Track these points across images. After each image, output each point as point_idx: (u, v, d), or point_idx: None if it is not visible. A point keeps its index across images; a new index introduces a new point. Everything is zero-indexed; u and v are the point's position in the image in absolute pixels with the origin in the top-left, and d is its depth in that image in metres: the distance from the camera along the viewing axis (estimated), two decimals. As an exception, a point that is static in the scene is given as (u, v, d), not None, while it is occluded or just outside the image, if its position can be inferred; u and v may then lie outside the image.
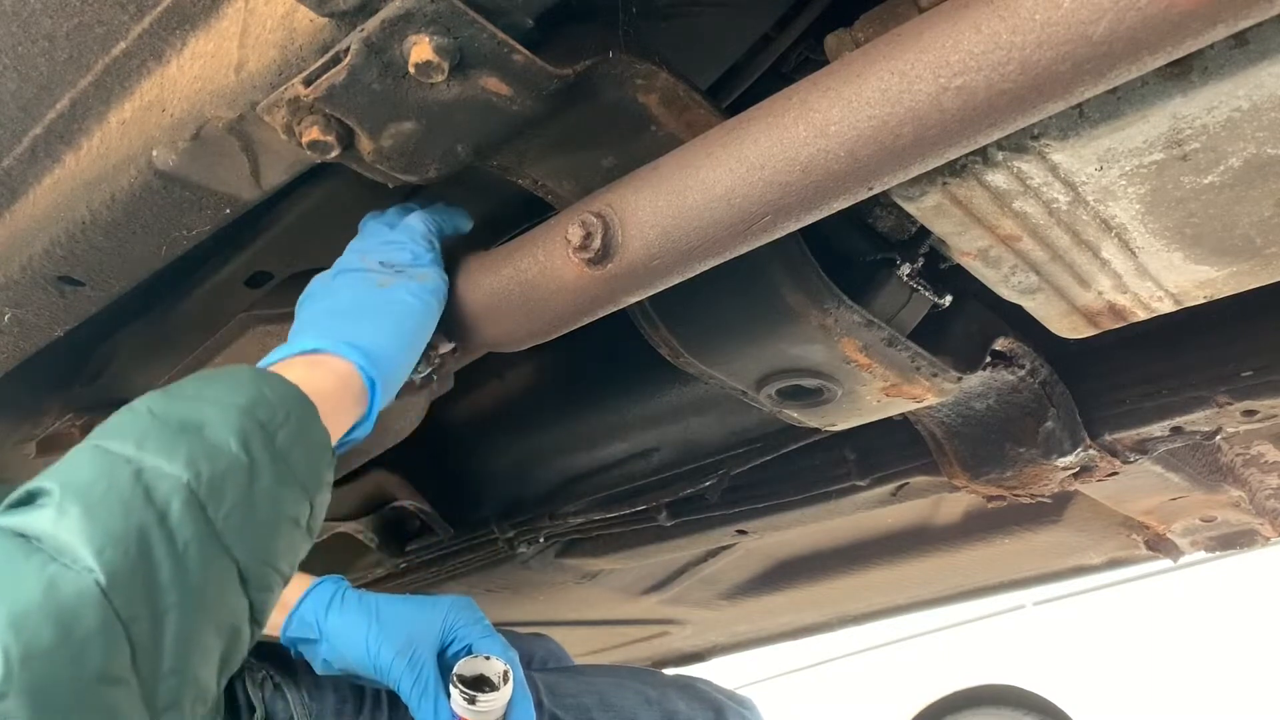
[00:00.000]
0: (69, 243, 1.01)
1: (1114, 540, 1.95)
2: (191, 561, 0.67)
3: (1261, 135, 0.80)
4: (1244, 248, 0.94)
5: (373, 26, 0.75)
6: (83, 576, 0.62)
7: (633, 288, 0.90)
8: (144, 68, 0.91)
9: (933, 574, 2.23)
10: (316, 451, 0.79)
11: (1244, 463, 1.64)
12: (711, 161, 0.81)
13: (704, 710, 1.55)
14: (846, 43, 0.84)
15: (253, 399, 0.76)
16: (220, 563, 0.69)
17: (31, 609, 0.59)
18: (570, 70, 0.83)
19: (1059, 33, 0.63)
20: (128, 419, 0.74)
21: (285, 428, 0.76)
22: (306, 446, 0.78)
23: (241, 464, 0.72)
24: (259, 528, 0.72)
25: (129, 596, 0.63)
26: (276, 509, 0.74)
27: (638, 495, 1.72)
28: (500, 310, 0.97)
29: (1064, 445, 1.40)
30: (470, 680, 1.19)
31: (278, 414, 0.77)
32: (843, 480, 1.63)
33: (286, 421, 0.77)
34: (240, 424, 0.73)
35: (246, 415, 0.74)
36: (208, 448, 0.71)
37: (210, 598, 0.68)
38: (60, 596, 0.60)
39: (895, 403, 1.25)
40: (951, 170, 0.88)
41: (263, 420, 0.75)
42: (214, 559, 0.68)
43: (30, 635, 0.58)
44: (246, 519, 0.71)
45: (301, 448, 0.77)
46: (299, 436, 0.77)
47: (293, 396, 0.79)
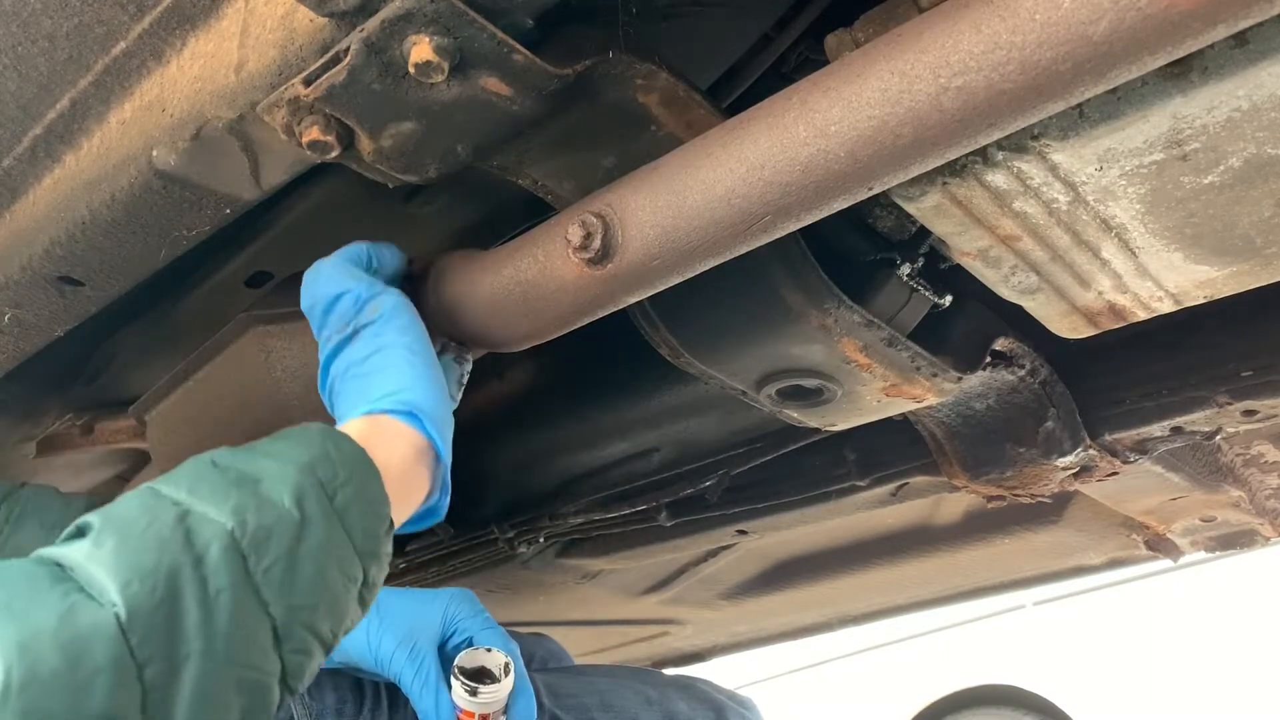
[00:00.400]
0: (69, 243, 1.01)
1: (1114, 540, 1.95)
2: (222, 610, 0.64)
3: (1261, 135, 0.80)
4: (1244, 248, 0.94)
5: (373, 26, 0.75)
6: (103, 609, 0.60)
7: (633, 288, 0.90)
8: (144, 68, 0.91)
9: (933, 574, 2.23)
10: (375, 516, 0.77)
11: (1244, 463, 1.64)
12: (711, 161, 0.81)
13: (704, 710, 1.55)
14: (846, 43, 0.84)
15: (315, 457, 0.75)
16: (254, 617, 0.66)
17: (43, 634, 0.58)
18: (570, 70, 0.83)
19: (1059, 33, 0.63)
20: (189, 466, 0.73)
21: (345, 488, 0.74)
22: (365, 509, 0.76)
23: (292, 519, 0.70)
24: (302, 586, 0.69)
25: (148, 636, 0.61)
26: (324, 569, 0.71)
27: (638, 495, 1.72)
28: (500, 310, 0.97)
29: (1064, 445, 1.40)
30: (471, 672, 1.19)
31: (339, 473, 0.75)
32: (843, 480, 1.63)
33: (348, 482, 0.75)
34: (298, 480, 0.72)
35: (306, 472, 0.73)
36: (259, 500, 0.70)
37: (237, 652, 0.65)
38: (75, 626, 0.59)
39: (895, 403, 1.25)
40: (951, 170, 0.88)
41: (323, 479, 0.73)
42: (247, 612, 0.66)
43: (35, 660, 0.56)
44: (289, 576, 0.68)
45: (359, 509, 0.75)
46: (358, 498, 0.75)
47: (356, 457, 0.77)
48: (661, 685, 1.56)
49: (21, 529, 1.08)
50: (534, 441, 1.71)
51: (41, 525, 1.08)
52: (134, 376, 1.37)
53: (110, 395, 1.40)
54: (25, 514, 1.10)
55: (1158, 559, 1.96)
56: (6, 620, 0.57)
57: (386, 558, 0.78)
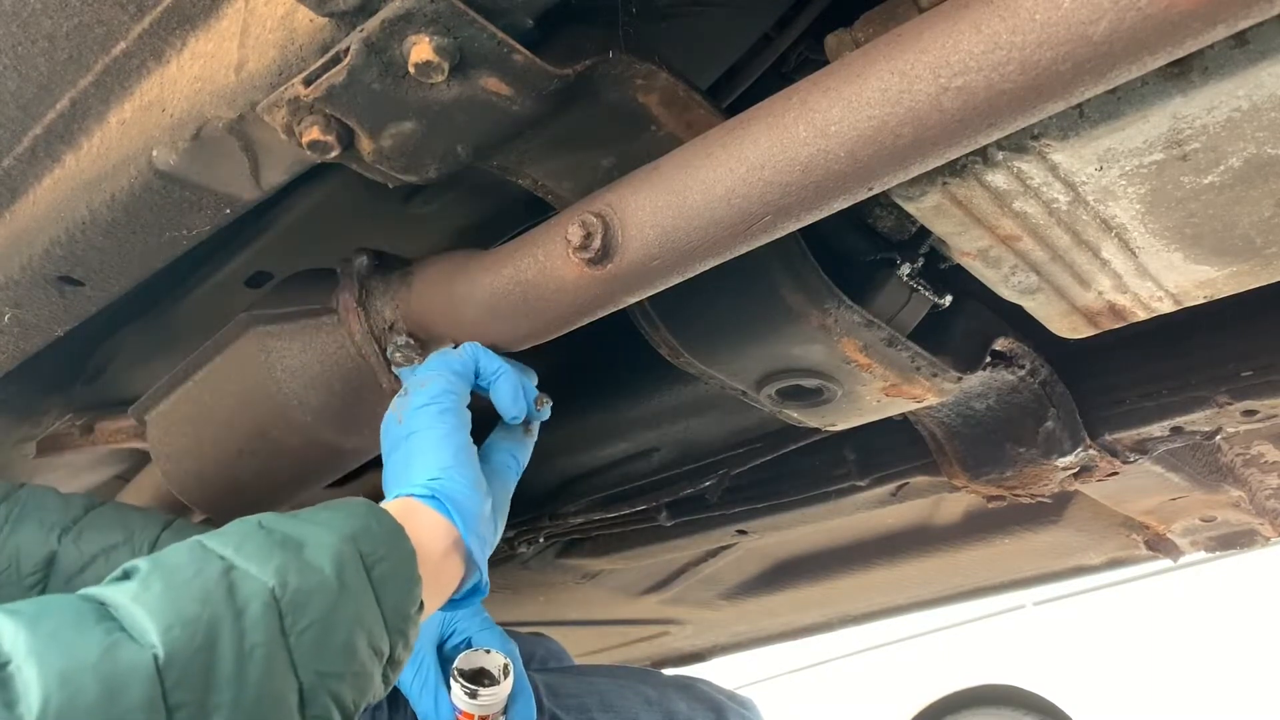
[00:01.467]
0: (69, 242, 1.01)
1: (1114, 540, 1.95)
2: (255, 666, 0.66)
3: (1261, 135, 0.80)
4: (1244, 248, 0.94)
5: (373, 26, 0.75)
6: (142, 650, 0.62)
7: (633, 288, 0.90)
8: (144, 68, 0.91)
9: (933, 574, 2.23)
10: (409, 595, 0.79)
11: (1244, 463, 1.64)
12: (711, 161, 0.81)
13: (704, 711, 1.55)
14: (846, 43, 0.84)
15: (358, 529, 0.77)
16: (283, 677, 0.68)
17: (84, 667, 0.59)
18: (570, 70, 0.83)
19: (1059, 33, 0.63)
20: (236, 526, 0.75)
21: (384, 563, 0.77)
22: (400, 586, 0.78)
23: (330, 586, 0.72)
24: (332, 653, 0.71)
25: (182, 682, 0.62)
26: (354, 640, 0.73)
27: (638, 495, 1.72)
28: (500, 310, 0.97)
29: (1064, 445, 1.40)
30: (470, 674, 1.19)
31: (380, 548, 0.77)
32: (843, 480, 1.63)
33: (386, 558, 0.78)
34: (339, 548, 0.75)
35: (348, 542, 0.76)
36: (301, 564, 0.72)
37: (264, 709, 0.66)
38: (115, 663, 0.60)
39: (895, 403, 1.25)
40: (951, 170, 0.88)
41: (363, 550, 0.76)
42: (278, 671, 0.67)
43: (74, 691, 0.58)
44: (321, 641, 0.70)
45: (395, 586, 0.77)
46: (395, 574, 0.78)
47: (396, 534, 0.80)
48: (661, 685, 1.56)
49: (20, 529, 1.08)
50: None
51: (41, 525, 1.08)
52: (134, 376, 1.37)
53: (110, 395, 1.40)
54: (25, 514, 1.10)
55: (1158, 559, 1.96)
56: (51, 649, 0.60)
57: (414, 639, 0.80)
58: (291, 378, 1.08)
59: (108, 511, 1.13)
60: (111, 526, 1.11)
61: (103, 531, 1.10)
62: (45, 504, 1.11)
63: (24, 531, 1.08)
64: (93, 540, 1.09)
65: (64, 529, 1.09)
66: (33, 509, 1.10)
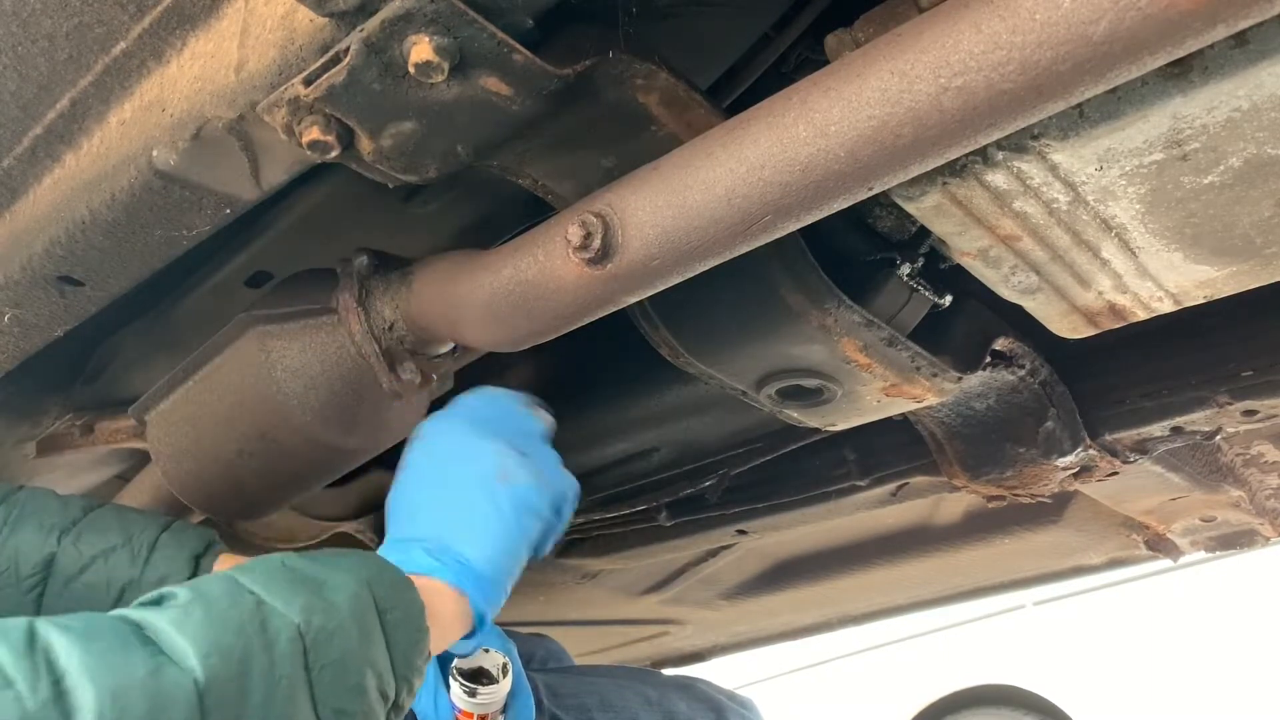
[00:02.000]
0: (69, 242, 1.01)
1: (1114, 540, 1.95)
2: (281, 696, 0.71)
3: (1261, 135, 0.80)
4: (1244, 248, 0.94)
5: (373, 26, 0.75)
6: (184, 674, 0.67)
7: (633, 288, 0.90)
8: (144, 68, 0.91)
9: (933, 574, 2.23)
10: (417, 645, 0.85)
11: (1244, 463, 1.64)
12: (711, 161, 0.81)
13: (704, 711, 1.55)
14: (846, 43, 0.84)
15: (373, 577, 0.83)
16: (304, 711, 0.73)
17: (133, 686, 0.65)
18: (570, 70, 0.83)
19: (1059, 33, 0.63)
20: (261, 564, 0.80)
21: (395, 611, 0.82)
22: (409, 635, 0.84)
23: (349, 629, 0.77)
24: (347, 692, 0.76)
25: (219, 705, 0.67)
26: (365, 681, 0.77)
27: (638, 495, 1.72)
28: (500, 311, 0.97)
29: (1064, 445, 1.40)
30: (469, 673, 1.18)
31: (392, 598, 0.83)
32: (843, 480, 1.63)
33: (397, 606, 0.83)
34: (356, 592, 0.80)
35: (364, 586, 0.81)
36: (324, 603, 0.77)
37: None
38: (160, 683, 0.66)
39: (895, 403, 1.25)
40: (951, 170, 0.88)
41: (377, 597, 0.81)
42: (300, 703, 0.72)
43: (124, 708, 0.63)
44: (339, 680, 0.75)
45: (404, 634, 0.83)
46: (405, 623, 0.83)
47: (408, 591, 0.86)
48: (661, 685, 1.56)
49: (20, 531, 1.08)
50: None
51: (40, 527, 1.08)
52: (134, 376, 1.37)
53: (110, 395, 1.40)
54: (24, 516, 1.10)
55: (1158, 559, 1.96)
56: (102, 667, 0.65)
57: (417, 687, 0.85)
58: (291, 378, 1.08)
59: (106, 513, 1.13)
60: (110, 528, 1.11)
61: (102, 533, 1.10)
62: (44, 506, 1.11)
63: (23, 533, 1.08)
64: (92, 542, 1.09)
65: (63, 530, 1.09)
66: (31, 511, 1.10)
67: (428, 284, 1.04)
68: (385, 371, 1.06)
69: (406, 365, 1.07)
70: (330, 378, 1.07)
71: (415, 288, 1.05)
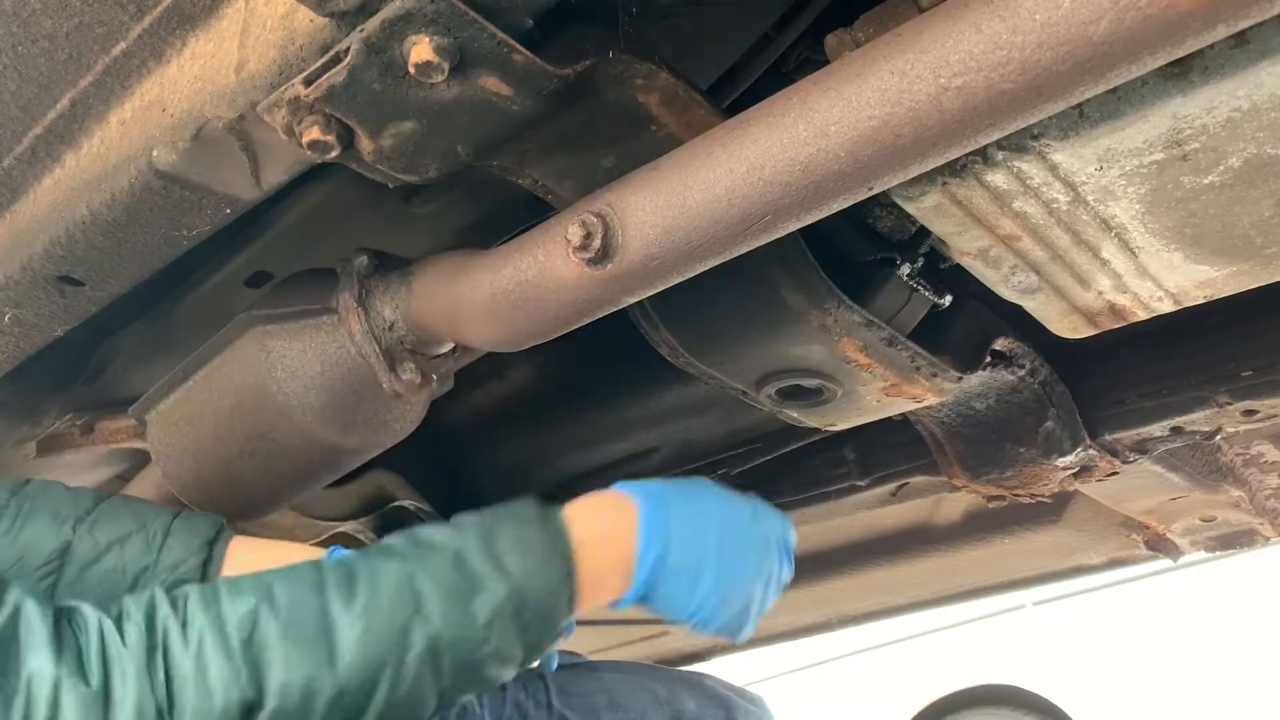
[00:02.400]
0: (69, 242, 1.01)
1: (1114, 540, 1.95)
2: (404, 689, 0.85)
3: (1261, 135, 0.80)
4: (1244, 248, 0.94)
5: (373, 27, 0.75)
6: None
7: (633, 288, 0.90)
8: (144, 68, 0.91)
9: (933, 574, 2.23)
10: (550, 636, 0.93)
11: (1244, 463, 1.64)
12: (711, 161, 0.81)
13: (714, 708, 1.55)
14: (846, 43, 0.84)
15: (524, 577, 0.89)
16: (429, 695, 0.87)
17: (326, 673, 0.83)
18: (570, 70, 0.83)
19: (1059, 33, 0.63)
20: (436, 557, 0.90)
21: (536, 616, 0.90)
22: (543, 631, 0.92)
23: (481, 637, 0.87)
24: (466, 682, 0.89)
25: (351, 702, 0.84)
26: (487, 672, 0.89)
27: (638, 495, 1.71)
28: (500, 310, 0.97)
29: (1064, 445, 1.40)
30: None
31: (539, 603, 0.90)
32: (843, 480, 1.63)
33: (540, 608, 0.90)
34: (500, 606, 0.88)
35: (510, 598, 0.88)
36: (467, 618, 0.87)
37: (407, 708, 0.86)
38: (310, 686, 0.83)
39: (895, 403, 1.25)
40: (951, 170, 0.88)
41: (518, 606, 0.89)
42: (425, 692, 0.86)
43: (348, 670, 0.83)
44: (461, 675, 0.88)
45: (538, 631, 0.91)
46: (543, 623, 0.91)
47: (560, 582, 0.92)
48: (671, 682, 1.57)
49: (31, 523, 1.10)
50: (534, 441, 1.71)
51: (55, 517, 1.10)
52: (134, 376, 1.37)
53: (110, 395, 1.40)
54: (35, 509, 1.12)
55: (1158, 559, 1.96)
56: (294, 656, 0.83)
57: (550, 648, 0.96)
58: (291, 378, 1.08)
59: (117, 503, 1.15)
60: (124, 516, 1.13)
61: (116, 521, 1.12)
62: (55, 497, 1.13)
63: (34, 525, 1.09)
64: (107, 530, 1.11)
65: (78, 519, 1.11)
66: (43, 503, 1.11)
67: (428, 284, 1.04)
68: (385, 371, 1.06)
69: (406, 365, 1.07)
70: (330, 378, 1.07)
71: (415, 288, 1.05)
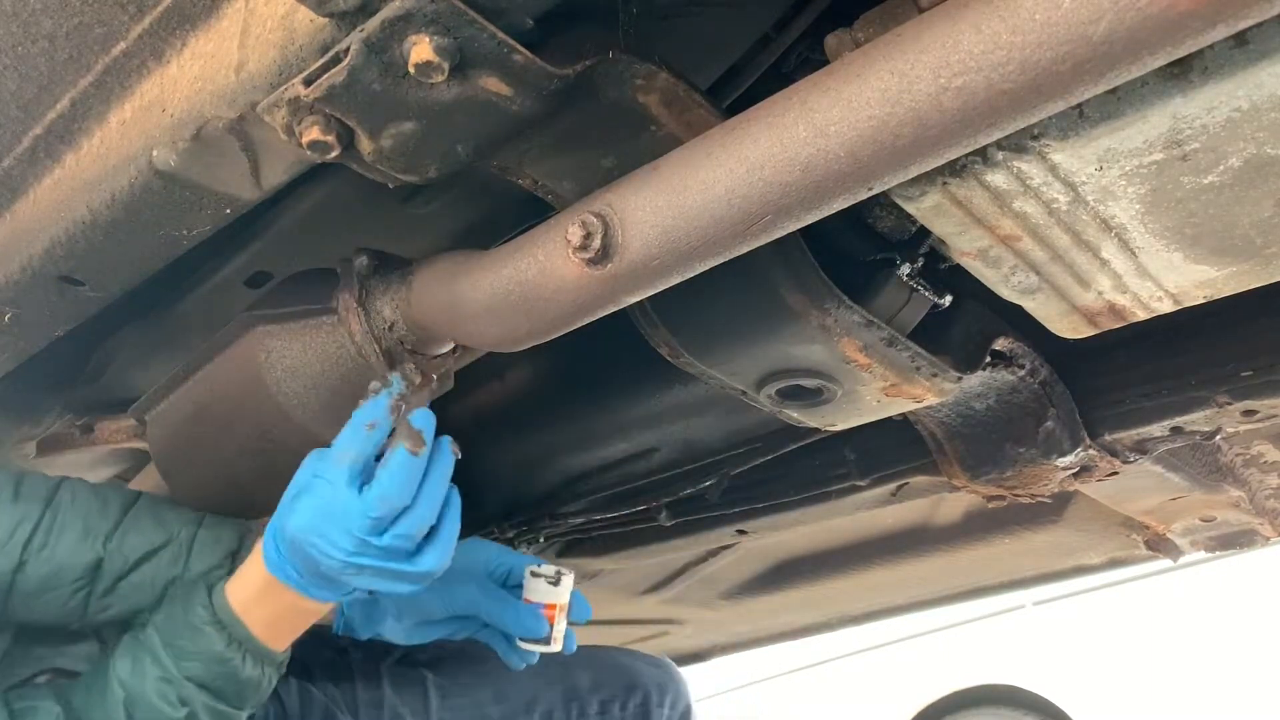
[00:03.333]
0: (69, 242, 1.01)
1: (1114, 540, 1.95)
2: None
3: (1261, 135, 0.80)
4: (1244, 248, 0.94)
5: (373, 27, 0.75)
6: None
7: (633, 288, 0.90)
8: (144, 68, 0.91)
9: (933, 574, 2.23)
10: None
11: (1244, 463, 1.64)
12: (711, 161, 0.81)
13: (612, 676, 1.55)
14: (846, 43, 0.84)
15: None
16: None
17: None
18: (570, 70, 0.83)
19: (1059, 33, 0.63)
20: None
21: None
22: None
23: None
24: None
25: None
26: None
27: (638, 495, 1.72)
28: (500, 310, 0.97)
29: (1064, 445, 1.40)
30: (545, 572, 1.30)
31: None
32: (843, 480, 1.63)
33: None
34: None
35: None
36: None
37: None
38: None
39: (895, 403, 1.25)
40: (951, 170, 0.88)
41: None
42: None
43: None
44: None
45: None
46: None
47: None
48: (563, 662, 1.55)
49: (63, 539, 1.14)
50: (534, 441, 1.71)
51: (86, 534, 1.14)
52: (134, 376, 1.37)
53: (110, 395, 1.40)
54: (66, 524, 1.17)
55: (1158, 559, 1.96)
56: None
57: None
58: (291, 378, 1.08)
59: (144, 512, 1.18)
60: (152, 528, 1.17)
61: (144, 534, 1.16)
62: (84, 506, 1.15)
63: (66, 542, 1.13)
64: (135, 545, 1.15)
65: (107, 535, 1.15)
66: (72, 517, 1.15)
67: (428, 284, 1.04)
68: (385, 371, 1.06)
69: (406, 365, 1.07)
70: (330, 378, 1.07)
71: (415, 288, 1.05)
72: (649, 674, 1.59)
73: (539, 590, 1.28)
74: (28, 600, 1.11)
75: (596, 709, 1.54)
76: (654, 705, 1.57)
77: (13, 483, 1.14)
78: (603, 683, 1.55)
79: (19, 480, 1.15)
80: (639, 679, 1.57)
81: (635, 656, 1.64)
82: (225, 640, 1.07)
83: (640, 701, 1.56)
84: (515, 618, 1.28)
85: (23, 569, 1.10)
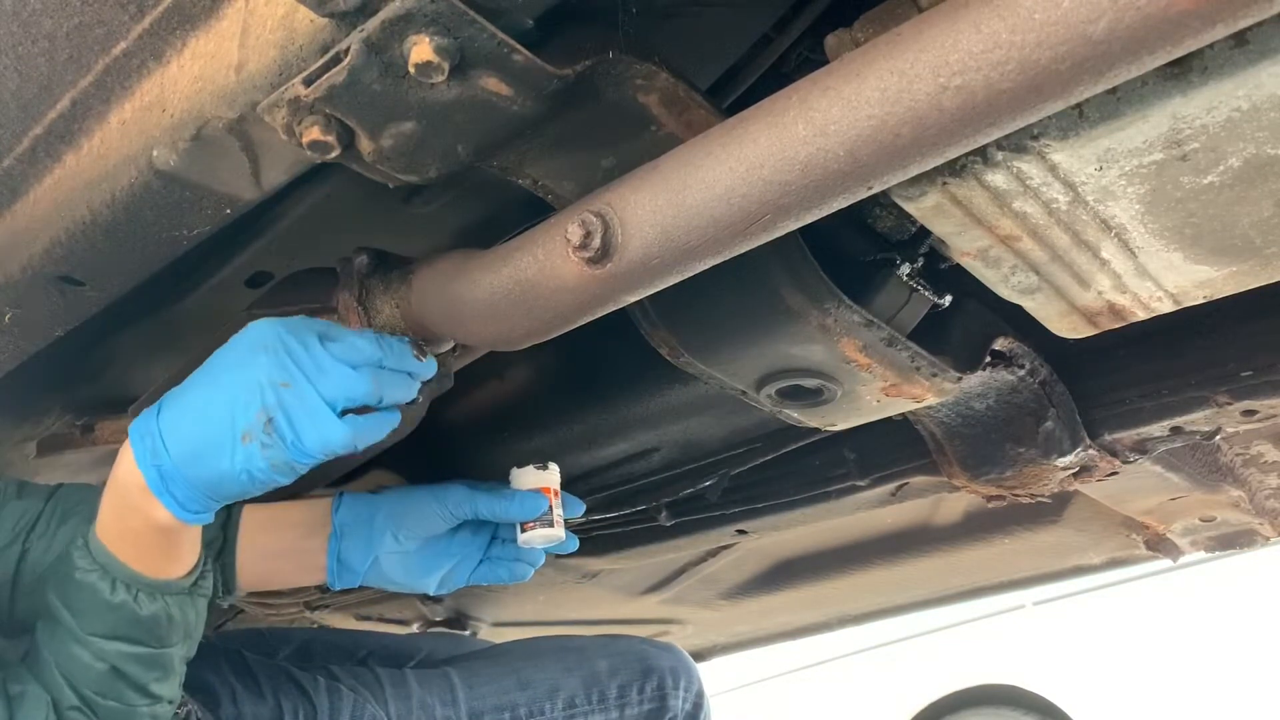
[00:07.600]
0: (69, 243, 1.01)
1: (1114, 540, 1.95)
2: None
3: (1261, 135, 0.80)
4: (1244, 248, 0.94)
5: (373, 27, 0.75)
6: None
7: (633, 287, 0.90)
8: (144, 68, 0.91)
9: (933, 574, 2.23)
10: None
11: (1244, 463, 1.64)
12: (711, 161, 0.81)
13: (628, 662, 1.55)
14: (846, 43, 0.84)
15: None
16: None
17: None
18: (570, 70, 0.83)
19: (1058, 32, 0.63)
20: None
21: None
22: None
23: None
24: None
25: None
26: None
27: (638, 495, 1.72)
28: (500, 310, 0.97)
29: (1064, 445, 1.40)
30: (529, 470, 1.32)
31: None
32: (843, 480, 1.63)
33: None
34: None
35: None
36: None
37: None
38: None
39: (895, 403, 1.25)
40: (951, 170, 0.88)
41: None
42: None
43: None
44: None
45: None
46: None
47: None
48: (581, 648, 1.57)
49: (66, 525, 1.15)
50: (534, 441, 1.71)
51: (88, 518, 1.12)
52: (134, 376, 1.37)
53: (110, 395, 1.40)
54: (69, 511, 1.17)
55: (1158, 559, 1.96)
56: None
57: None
58: (291, 377, 1.07)
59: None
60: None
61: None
62: (86, 496, 1.17)
63: (69, 527, 1.14)
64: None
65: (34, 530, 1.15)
66: (74, 504, 1.17)
67: (428, 283, 1.04)
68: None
69: (406, 365, 1.07)
70: (330, 377, 1.07)
71: (415, 287, 1.05)
72: (663, 659, 1.60)
73: (529, 477, 1.29)
74: (30, 599, 1.12)
75: (615, 694, 1.54)
76: (670, 689, 1.58)
77: (15, 486, 1.17)
78: (620, 669, 1.55)
79: (20, 486, 1.18)
80: (654, 665, 1.58)
81: (648, 644, 1.65)
82: (109, 585, 1.01)
83: (656, 685, 1.57)
84: (512, 501, 1.27)
85: (25, 558, 1.12)
